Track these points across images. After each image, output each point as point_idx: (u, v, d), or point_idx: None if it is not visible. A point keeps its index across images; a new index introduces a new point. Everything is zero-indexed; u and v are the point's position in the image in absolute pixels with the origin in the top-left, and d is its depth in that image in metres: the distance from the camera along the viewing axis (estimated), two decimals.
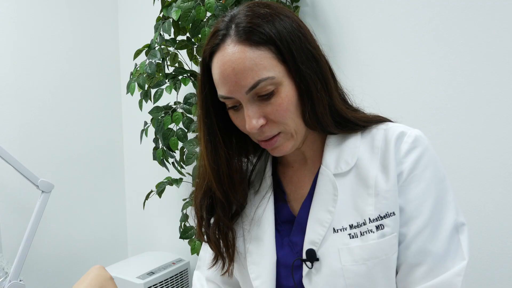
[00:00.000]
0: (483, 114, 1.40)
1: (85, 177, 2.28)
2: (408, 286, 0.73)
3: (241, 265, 0.83)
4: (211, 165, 0.77)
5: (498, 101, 1.38)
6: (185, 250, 2.10)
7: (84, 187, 2.28)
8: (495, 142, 1.40)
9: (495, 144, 1.40)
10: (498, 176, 1.40)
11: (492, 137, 1.40)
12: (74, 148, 2.23)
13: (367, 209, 0.72)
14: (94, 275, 1.16)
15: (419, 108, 1.50)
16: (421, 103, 1.50)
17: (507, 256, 1.41)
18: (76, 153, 2.24)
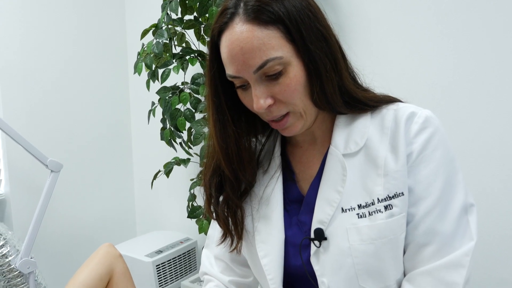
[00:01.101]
0: (493, 96, 1.39)
1: (93, 157, 2.30)
2: (416, 265, 0.73)
3: (250, 244, 0.84)
4: (220, 143, 0.77)
5: (508, 83, 1.36)
6: (192, 229, 2.13)
7: (93, 167, 2.30)
8: (504, 124, 1.38)
9: (504, 126, 1.39)
10: (507, 158, 1.39)
11: (501, 119, 1.38)
12: (82, 128, 2.24)
13: (376, 189, 0.72)
14: (104, 253, 1.18)
15: (429, 89, 1.48)
16: (431, 84, 1.48)
17: None
18: (84, 133, 2.25)
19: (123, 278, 1.18)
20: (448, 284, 0.70)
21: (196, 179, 1.82)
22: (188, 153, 1.83)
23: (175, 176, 2.01)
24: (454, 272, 0.70)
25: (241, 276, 0.93)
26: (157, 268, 1.98)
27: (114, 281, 1.16)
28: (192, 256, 2.15)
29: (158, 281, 1.98)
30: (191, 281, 1.96)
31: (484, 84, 1.40)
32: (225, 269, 0.94)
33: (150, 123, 1.94)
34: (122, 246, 2.10)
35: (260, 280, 0.85)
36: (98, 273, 1.14)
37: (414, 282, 0.73)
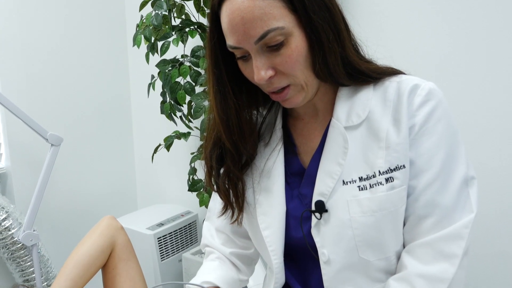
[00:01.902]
0: (496, 71, 1.37)
1: (93, 131, 2.29)
2: (415, 237, 0.74)
3: (251, 216, 0.84)
4: (220, 115, 0.76)
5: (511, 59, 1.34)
6: (193, 202, 2.14)
7: (93, 141, 2.30)
8: (506, 99, 1.37)
9: (506, 101, 1.38)
10: (508, 132, 1.39)
11: (503, 94, 1.37)
12: (81, 102, 2.23)
13: (377, 162, 0.72)
14: (106, 225, 1.19)
15: (433, 61, 1.47)
16: (435, 56, 1.46)
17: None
18: (84, 107, 2.24)
19: (125, 250, 1.19)
20: (447, 255, 0.71)
21: (197, 153, 1.82)
22: (188, 126, 1.83)
23: (176, 149, 2.01)
24: (453, 244, 0.71)
25: (242, 248, 0.94)
26: (159, 241, 2.00)
27: (116, 253, 1.18)
28: (193, 229, 2.18)
29: (160, 253, 2.01)
30: (192, 253, 1.99)
31: (488, 59, 1.38)
32: (226, 241, 0.95)
33: (150, 97, 1.93)
34: (123, 219, 2.12)
35: (261, 252, 0.86)
36: (100, 244, 1.15)
37: (413, 253, 0.73)
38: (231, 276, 0.92)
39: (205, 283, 0.88)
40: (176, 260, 2.09)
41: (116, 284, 1.17)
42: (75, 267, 1.10)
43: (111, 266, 1.18)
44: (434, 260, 0.71)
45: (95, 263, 1.14)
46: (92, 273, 1.14)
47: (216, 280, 0.88)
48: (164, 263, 2.03)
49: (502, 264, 1.46)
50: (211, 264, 0.93)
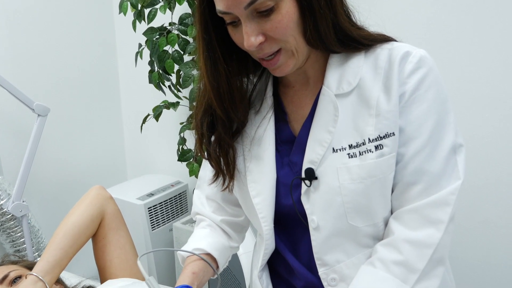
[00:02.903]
0: (488, 38, 1.37)
1: (81, 101, 2.26)
2: (403, 204, 0.75)
3: (241, 183, 0.84)
4: (211, 82, 0.75)
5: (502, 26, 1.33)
6: (183, 172, 2.14)
7: (81, 111, 2.27)
8: (496, 68, 1.38)
9: (496, 70, 1.38)
10: (499, 101, 1.40)
11: (494, 63, 1.37)
12: (68, 72, 2.18)
13: (367, 129, 0.72)
14: (94, 194, 1.19)
15: (425, 28, 1.46)
16: (426, 23, 1.45)
17: (501, 181, 1.45)
18: (70, 77, 2.19)
19: (114, 219, 1.19)
20: (433, 221, 0.72)
21: (186, 123, 1.81)
22: (177, 96, 1.81)
23: (165, 119, 1.99)
24: (439, 210, 0.72)
25: (232, 216, 0.95)
26: (149, 211, 2.01)
27: (105, 222, 1.18)
28: (183, 198, 2.19)
29: (150, 223, 2.02)
30: (182, 222, 2.00)
31: (479, 27, 1.37)
32: (217, 209, 0.95)
33: (138, 66, 1.90)
34: (113, 190, 2.12)
35: (252, 219, 0.87)
36: (89, 214, 1.15)
37: (400, 219, 0.75)
38: (222, 243, 0.92)
39: (196, 250, 0.89)
40: (167, 230, 2.11)
41: (107, 253, 1.18)
42: (65, 237, 1.10)
43: (101, 236, 1.18)
44: (421, 225, 0.72)
45: (85, 233, 1.14)
46: (82, 242, 1.14)
47: (207, 247, 0.89)
48: (154, 232, 2.04)
49: (487, 231, 1.50)
50: (202, 231, 0.94)
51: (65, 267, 1.11)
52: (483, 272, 1.54)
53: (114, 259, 1.17)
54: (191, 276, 0.85)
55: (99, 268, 1.21)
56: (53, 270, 1.06)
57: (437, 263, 0.74)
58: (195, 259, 0.88)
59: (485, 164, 1.46)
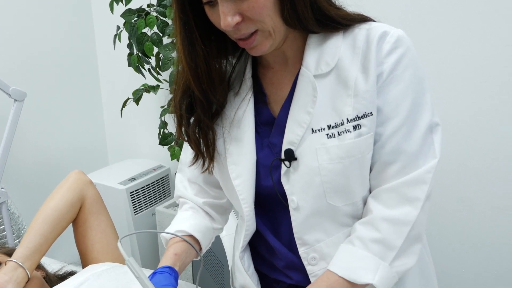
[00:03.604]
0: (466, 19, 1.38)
1: (59, 85, 2.21)
2: (381, 183, 0.76)
3: (221, 165, 0.84)
4: (189, 63, 0.74)
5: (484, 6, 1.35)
6: (165, 156, 2.13)
7: (59, 96, 2.22)
8: (473, 48, 1.39)
9: (472, 51, 1.40)
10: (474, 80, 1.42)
11: (471, 44, 1.39)
12: (44, 55, 2.13)
13: (346, 109, 0.73)
14: (74, 179, 1.17)
15: (403, 8, 1.46)
16: (404, 4, 1.45)
17: (477, 159, 1.48)
18: (47, 61, 2.14)
19: (95, 204, 1.18)
20: (410, 199, 0.74)
21: (167, 106, 1.79)
22: (157, 79, 1.79)
23: (145, 103, 1.97)
24: (416, 188, 0.73)
25: (214, 198, 0.95)
26: (131, 195, 2.00)
27: (86, 207, 1.17)
28: (165, 182, 2.18)
29: (133, 207, 2.02)
30: (165, 206, 2.00)
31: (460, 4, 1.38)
32: (199, 191, 0.95)
33: (116, 49, 1.86)
34: (94, 175, 2.10)
35: (232, 200, 0.87)
36: (69, 199, 1.14)
37: (378, 198, 0.76)
38: (205, 225, 0.93)
39: (178, 232, 0.89)
40: (150, 214, 2.10)
41: (88, 238, 1.17)
42: (44, 222, 1.09)
43: (81, 220, 1.17)
44: (398, 204, 0.74)
45: (65, 218, 1.13)
46: (62, 227, 1.13)
47: (189, 229, 0.89)
48: (137, 217, 2.04)
49: (463, 209, 1.54)
50: (185, 214, 0.94)
51: (45, 253, 1.10)
52: (459, 249, 1.58)
53: (95, 244, 1.17)
54: (173, 257, 0.85)
55: (80, 253, 1.21)
56: (33, 256, 1.05)
57: (414, 240, 0.76)
58: (178, 241, 0.88)
59: (461, 143, 1.48)
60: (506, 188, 1.45)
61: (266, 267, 0.91)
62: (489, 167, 1.46)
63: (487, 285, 1.56)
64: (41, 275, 1.14)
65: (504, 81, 1.38)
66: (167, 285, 0.77)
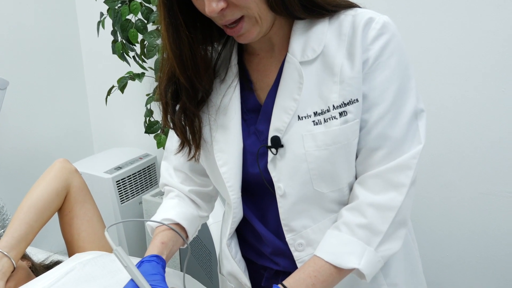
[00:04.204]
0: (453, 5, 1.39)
1: (42, 74, 2.18)
2: (367, 169, 0.77)
3: (208, 153, 0.84)
4: (173, 49, 0.73)
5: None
6: (151, 145, 2.12)
7: (42, 84, 2.19)
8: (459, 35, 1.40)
9: (458, 37, 1.40)
10: (459, 67, 1.43)
11: (457, 30, 1.40)
12: (27, 43, 2.09)
13: (332, 96, 0.73)
14: (59, 168, 1.16)
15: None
16: None
17: (462, 145, 1.50)
18: (29, 49, 2.10)
19: (80, 192, 1.17)
20: (395, 185, 0.74)
21: (152, 94, 1.78)
22: (142, 67, 1.77)
23: (130, 91, 1.95)
24: (401, 174, 0.74)
25: (200, 186, 0.95)
26: (117, 184, 1.99)
27: (71, 196, 1.16)
28: (152, 171, 2.17)
29: (119, 196, 2.00)
30: (152, 195, 1.99)
31: None
32: (185, 179, 0.95)
33: (100, 36, 1.83)
34: (80, 164, 2.08)
35: (219, 188, 0.87)
36: (54, 187, 1.12)
37: (364, 184, 0.76)
38: (191, 212, 0.93)
39: (165, 220, 0.89)
40: (136, 203, 2.10)
41: (73, 227, 1.16)
42: (29, 211, 1.08)
43: (67, 209, 1.16)
44: (384, 189, 0.74)
45: (50, 207, 1.12)
46: (48, 216, 1.12)
47: (175, 217, 0.89)
48: (124, 205, 2.03)
49: (448, 194, 1.56)
50: (171, 202, 0.93)
51: (30, 242, 1.09)
52: (443, 234, 1.61)
53: (82, 233, 1.16)
54: (160, 246, 0.85)
55: (66, 242, 1.20)
56: (18, 245, 1.04)
57: (399, 225, 0.76)
58: (164, 229, 0.88)
59: (446, 129, 1.50)
60: (490, 174, 1.48)
61: (253, 254, 0.91)
62: (474, 153, 1.48)
63: (471, 269, 1.59)
64: (26, 264, 1.13)
65: (488, 68, 1.39)
66: (155, 273, 0.77)
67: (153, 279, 0.75)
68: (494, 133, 1.44)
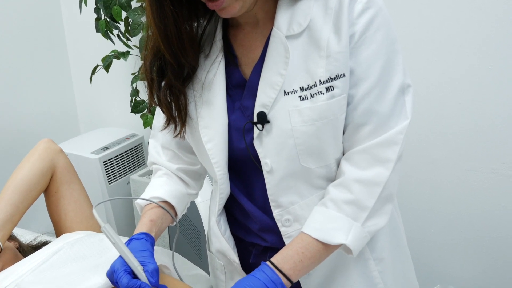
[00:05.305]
0: None
1: (24, 53, 2.13)
2: (353, 145, 0.77)
3: (194, 129, 0.83)
4: (157, 24, 0.72)
5: None
6: (138, 125, 2.09)
7: (25, 65, 2.14)
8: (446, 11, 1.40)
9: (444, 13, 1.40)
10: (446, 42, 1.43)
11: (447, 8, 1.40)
12: (7, 22, 2.03)
13: (318, 71, 0.72)
14: (44, 148, 1.14)
15: None
16: None
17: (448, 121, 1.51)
18: (10, 28, 2.05)
19: (66, 173, 1.16)
20: (381, 160, 0.75)
21: (138, 73, 1.75)
22: (126, 45, 1.74)
23: (115, 70, 1.91)
24: (388, 149, 0.74)
25: (188, 164, 0.94)
26: (104, 165, 1.98)
27: (57, 176, 1.15)
28: (139, 151, 2.16)
29: (107, 177, 1.99)
30: (139, 175, 1.99)
31: None
32: (173, 157, 0.94)
33: (83, 14, 1.79)
34: (66, 145, 2.06)
35: (205, 164, 0.87)
36: (39, 168, 1.11)
37: (351, 160, 0.77)
38: (180, 190, 0.92)
39: (153, 198, 0.89)
40: (124, 183, 2.09)
41: (60, 207, 1.15)
42: (15, 192, 1.06)
43: (53, 190, 1.15)
44: (370, 165, 0.75)
45: (36, 187, 1.10)
46: (33, 197, 1.11)
47: (164, 195, 0.89)
48: (111, 186, 2.02)
49: (434, 171, 1.58)
50: (159, 180, 0.93)
51: (17, 223, 1.08)
52: (428, 209, 1.63)
53: (69, 213, 1.15)
54: (149, 224, 0.85)
55: (54, 223, 1.19)
56: (4, 226, 1.03)
57: (386, 200, 0.77)
58: (153, 207, 0.88)
59: (433, 104, 1.51)
60: (476, 150, 1.49)
61: (241, 231, 0.92)
62: (460, 129, 1.50)
63: (455, 245, 1.63)
64: (14, 245, 1.13)
65: (476, 45, 1.39)
66: (144, 250, 0.77)
67: (141, 255, 0.75)
68: (480, 110, 1.45)
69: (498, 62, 1.38)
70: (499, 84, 1.40)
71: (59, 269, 0.88)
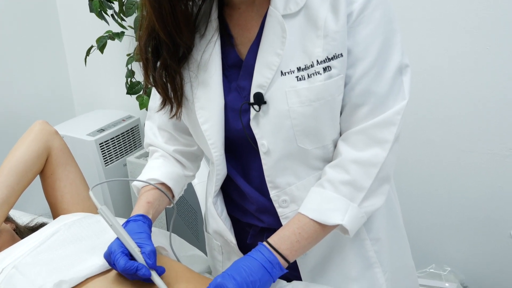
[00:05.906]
0: None
1: (18, 35, 2.10)
2: (351, 125, 0.76)
3: (190, 111, 0.83)
4: (152, 3, 0.70)
5: None
6: (134, 106, 2.08)
7: (19, 46, 2.11)
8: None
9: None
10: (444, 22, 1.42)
11: None
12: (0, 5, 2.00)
13: (315, 51, 0.71)
14: (39, 129, 1.13)
15: None
16: None
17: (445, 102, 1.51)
18: (2, 9, 2.01)
19: (62, 154, 1.15)
20: (379, 141, 0.74)
21: (133, 54, 1.73)
22: (121, 25, 1.71)
23: (110, 51, 1.89)
24: (385, 130, 0.74)
25: (185, 145, 0.94)
26: (101, 147, 1.97)
27: (52, 158, 1.14)
28: (135, 133, 2.15)
29: (103, 159, 1.99)
30: (136, 157, 1.98)
31: None
32: (169, 139, 0.94)
33: None
34: (61, 127, 2.05)
35: (202, 146, 0.87)
36: (34, 150, 1.10)
37: (348, 140, 0.76)
38: (176, 172, 0.92)
39: (150, 180, 0.88)
40: (121, 165, 2.09)
41: (56, 189, 1.15)
42: (10, 174, 1.06)
43: (49, 172, 1.14)
44: (367, 146, 0.75)
45: (31, 169, 1.10)
46: (29, 179, 1.10)
47: (161, 177, 0.89)
48: (108, 168, 2.02)
49: (430, 151, 1.58)
50: (156, 162, 0.93)
51: (13, 205, 1.08)
52: (425, 190, 1.64)
53: (65, 195, 1.15)
54: (146, 205, 0.85)
55: (50, 205, 1.19)
56: (0, 208, 1.03)
57: (383, 181, 0.77)
58: (150, 189, 0.88)
59: (430, 85, 1.50)
60: (472, 131, 1.49)
61: (238, 212, 0.92)
62: (456, 110, 1.50)
63: (451, 225, 1.64)
64: (10, 227, 1.13)
65: (472, 25, 1.38)
66: (141, 232, 0.78)
67: (138, 237, 0.76)
68: (477, 91, 1.45)
69: (496, 43, 1.37)
70: (496, 65, 1.39)
71: (56, 251, 0.88)
